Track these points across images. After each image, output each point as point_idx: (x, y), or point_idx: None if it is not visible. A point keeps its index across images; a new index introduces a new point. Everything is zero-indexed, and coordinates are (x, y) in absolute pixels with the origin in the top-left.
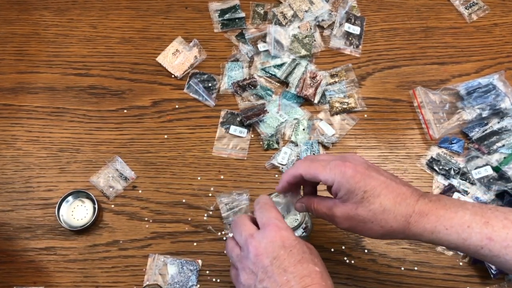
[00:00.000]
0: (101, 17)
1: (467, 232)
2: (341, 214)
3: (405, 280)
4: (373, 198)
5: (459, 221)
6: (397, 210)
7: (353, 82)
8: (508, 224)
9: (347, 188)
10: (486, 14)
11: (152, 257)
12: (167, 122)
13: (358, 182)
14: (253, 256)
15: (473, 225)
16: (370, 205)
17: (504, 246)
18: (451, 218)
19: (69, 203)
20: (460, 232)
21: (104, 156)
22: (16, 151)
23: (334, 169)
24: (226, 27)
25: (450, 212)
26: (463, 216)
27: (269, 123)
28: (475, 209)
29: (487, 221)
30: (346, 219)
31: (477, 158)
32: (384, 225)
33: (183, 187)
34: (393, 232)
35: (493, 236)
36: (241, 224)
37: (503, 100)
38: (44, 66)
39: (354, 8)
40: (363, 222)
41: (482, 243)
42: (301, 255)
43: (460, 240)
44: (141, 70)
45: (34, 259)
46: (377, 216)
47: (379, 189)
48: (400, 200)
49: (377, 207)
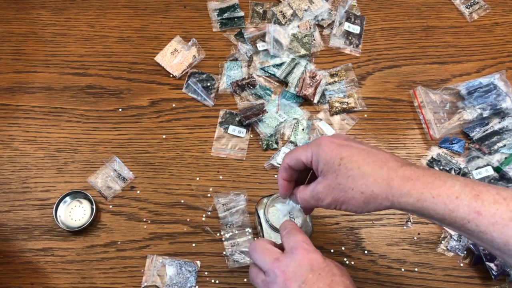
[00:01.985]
0: (99, 16)
1: (455, 203)
2: (323, 187)
3: (405, 281)
4: (351, 164)
5: (447, 191)
6: (377, 173)
7: (353, 81)
8: (499, 199)
9: (324, 158)
10: (487, 13)
11: (150, 258)
12: (166, 122)
13: (333, 150)
14: (281, 281)
15: (462, 196)
16: (348, 171)
17: (492, 222)
18: (439, 186)
19: (67, 203)
20: (448, 203)
21: (102, 156)
22: (13, 151)
23: (311, 145)
24: (225, 26)
25: (438, 180)
26: (452, 186)
27: (268, 123)
28: (466, 181)
29: (478, 194)
30: (328, 192)
31: (478, 159)
32: (364, 190)
33: (181, 187)
34: (376, 198)
35: (481, 210)
36: (263, 248)
37: (504, 100)
38: (41, 66)
39: (354, 7)
40: (344, 190)
41: (470, 217)
42: (331, 278)
43: (447, 211)
44: (139, 69)
45: (31, 260)
46: (357, 182)
47: (356, 155)
48: (380, 164)
49: (355, 173)
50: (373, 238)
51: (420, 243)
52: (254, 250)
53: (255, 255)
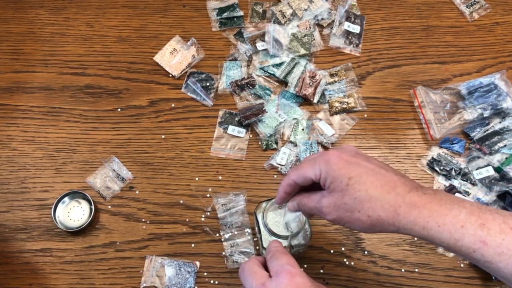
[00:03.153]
0: (98, 16)
1: (460, 233)
2: (328, 203)
3: (405, 282)
4: (358, 185)
5: (452, 219)
6: (385, 198)
7: (352, 81)
8: (505, 229)
9: (332, 176)
10: (487, 13)
11: (149, 259)
12: (165, 122)
13: (342, 169)
14: None
15: (467, 225)
16: (356, 192)
17: (498, 252)
18: (444, 215)
19: (65, 204)
20: (453, 232)
21: (100, 157)
22: (12, 151)
23: (319, 161)
24: (224, 26)
25: (444, 208)
26: (457, 215)
27: (268, 123)
28: (473, 208)
29: (483, 223)
30: (333, 209)
31: (479, 159)
32: (371, 214)
33: (180, 187)
34: (382, 223)
35: (487, 240)
36: (251, 271)
37: (505, 99)
38: (40, 65)
39: (354, 7)
40: (350, 211)
41: (475, 246)
42: None
43: (452, 240)
44: (138, 69)
45: (30, 260)
46: (364, 205)
47: (365, 176)
48: (388, 189)
49: (362, 195)
50: (373, 238)
51: (420, 243)
52: (242, 272)
53: (243, 277)
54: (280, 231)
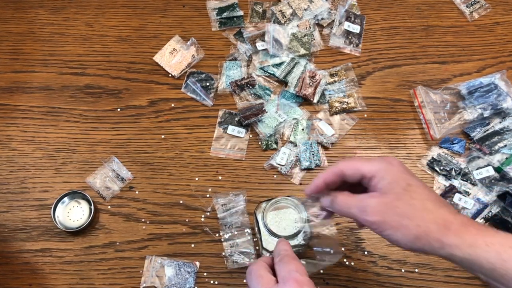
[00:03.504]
0: (97, 16)
1: (509, 253)
2: (377, 204)
3: (405, 282)
4: (416, 193)
5: (501, 240)
6: (438, 212)
7: (352, 81)
8: None
9: (391, 177)
10: (487, 13)
11: (149, 259)
12: (164, 122)
13: (403, 174)
14: None
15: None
16: (412, 199)
17: None
18: (492, 235)
19: (65, 204)
20: (502, 252)
21: (100, 157)
22: (11, 151)
23: (379, 160)
24: (224, 26)
25: (491, 230)
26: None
27: (268, 123)
28: None
29: None
30: (380, 211)
31: (479, 159)
32: (421, 224)
33: (180, 188)
34: (428, 236)
35: None
36: (257, 275)
37: (505, 99)
38: (39, 65)
39: (354, 7)
40: (399, 216)
41: None
42: None
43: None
44: (137, 69)
45: (29, 261)
46: (416, 213)
47: (422, 187)
48: (441, 205)
49: (418, 204)
50: (373, 238)
51: None
52: (249, 275)
53: (249, 280)
54: (280, 231)
